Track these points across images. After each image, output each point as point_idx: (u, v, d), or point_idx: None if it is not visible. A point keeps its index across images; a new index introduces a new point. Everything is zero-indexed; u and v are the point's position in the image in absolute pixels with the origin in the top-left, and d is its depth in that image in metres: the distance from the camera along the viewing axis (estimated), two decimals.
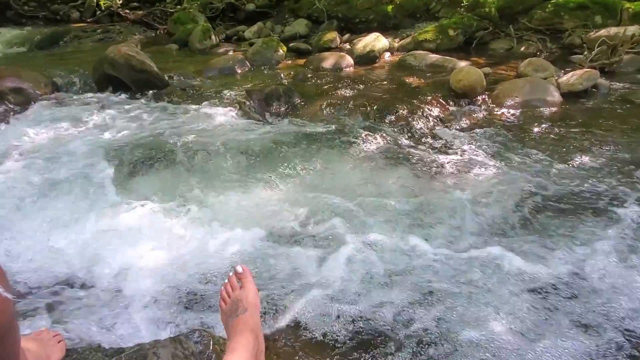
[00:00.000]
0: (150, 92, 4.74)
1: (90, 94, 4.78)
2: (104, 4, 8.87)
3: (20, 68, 5.22)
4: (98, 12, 8.80)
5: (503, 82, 4.72)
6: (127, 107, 4.33)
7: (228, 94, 4.64)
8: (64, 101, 4.54)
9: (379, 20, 7.43)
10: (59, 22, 8.65)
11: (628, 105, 4.33)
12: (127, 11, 8.87)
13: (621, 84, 4.84)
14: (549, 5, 6.65)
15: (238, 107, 4.26)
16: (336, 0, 7.76)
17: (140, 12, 8.80)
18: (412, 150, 3.53)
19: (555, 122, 3.99)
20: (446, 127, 4.01)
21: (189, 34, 7.18)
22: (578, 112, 4.23)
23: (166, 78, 5.03)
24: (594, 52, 5.31)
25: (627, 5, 6.45)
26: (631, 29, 5.47)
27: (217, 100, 4.51)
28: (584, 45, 5.90)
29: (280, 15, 8.45)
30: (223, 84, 5.05)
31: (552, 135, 3.74)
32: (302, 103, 4.40)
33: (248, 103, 4.26)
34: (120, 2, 8.94)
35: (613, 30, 5.70)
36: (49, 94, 4.66)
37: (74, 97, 4.69)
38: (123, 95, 4.69)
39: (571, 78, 4.63)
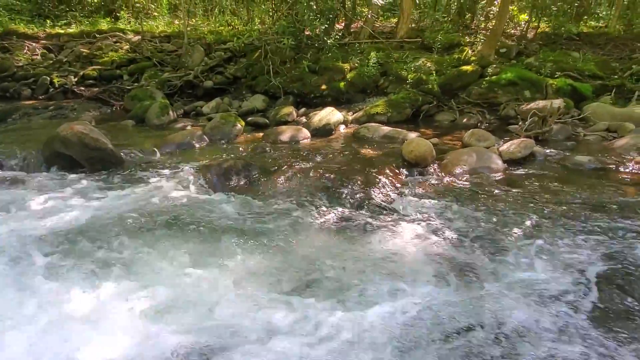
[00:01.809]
0: (104, 170, 4.62)
1: (37, 174, 4.57)
2: (57, 81, 8.83)
3: None
4: (51, 90, 8.72)
5: (451, 152, 5.03)
6: (77, 186, 4.17)
7: (185, 170, 4.60)
8: (8, 182, 4.28)
9: (333, 96, 7.87)
10: (9, 100, 8.45)
11: (563, 170, 4.72)
12: (82, 88, 8.86)
13: (554, 151, 5.31)
14: (484, 82, 7.37)
15: (195, 183, 4.22)
16: (291, 77, 8.20)
17: (96, 89, 8.81)
18: (369, 220, 3.59)
19: (501, 188, 4.24)
20: (401, 195, 4.15)
21: (146, 110, 7.22)
22: (520, 177, 4.54)
23: (121, 155, 4.95)
24: (527, 123, 5.84)
25: (551, 81, 7.27)
26: (556, 102, 6.12)
27: (173, 176, 4.46)
28: (518, 116, 6.50)
29: (237, 91, 8.75)
30: (180, 159, 5.04)
31: (497, 200, 3.96)
32: (261, 176, 4.44)
33: (206, 178, 4.24)
34: (76, 79, 8.95)
35: (541, 103, 6.35)
36: None
37: (21, 176, 4.45)
38: (74, 174, 4.52)
39: (510, 147, 5.03)
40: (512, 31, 9.93)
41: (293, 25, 8.63)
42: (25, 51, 9.69)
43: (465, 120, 7.04)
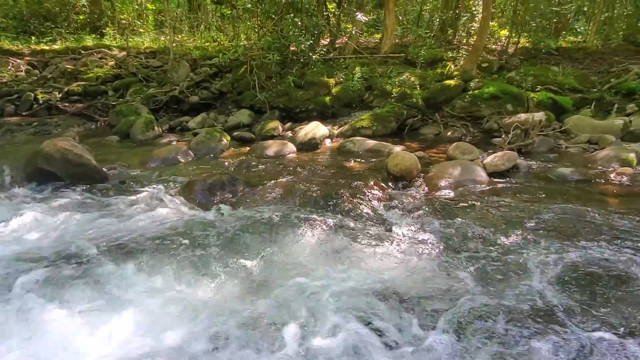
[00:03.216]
0: (88, 186, 4.55)
1: (19, 191, 4.47)
2: (41, 97, 8.73)
3: None
4: (35, 106, 8.61)
5: (436, 165, 5.08)
6: (60, 203, 4.08)
7: (170, 185, 4.56)
8: None
9: (318, 110, 7.92)
10: None
11: (546, 182, 4.79)
12: (67, 104, 8.77)
13: (537, 163, 5.40)
14: (467, 96, 7.50)
15: (180, 198, 4.18)
16: (277, 92, 8.25)
17: (81, 105, 8.73)
18: (355, 234, 3.58)
19: (485, 200, 4.28)
20: (387, 209, 4.15)
21: (131, 125, 7.17)
22: (504, 189, 4.59)
23: (105, 171, 4.89)
24: (510, 136, 5.95)
25: (532, 95, 7.43)
26: (538, 115, 6.25)
27: (158, 192, 4.40)
28: (501, 129, 6.62)
29: (223, 106, 8.77)
30: (166, 174, 4.98)
31: (484, 212, 3.99)
32: (247, 191, 4.41)
33: (191, 194, 4.20)
34: (60, 95, 8.87)
35: (523, 116, 6.47)
36: None
37: (2, 193, 4.37)
38: (57, 191, 4.44)
39: (494, 159, 5.10)
40: (494, 46, 10.17)
41: (278, 41, 8.72)
42: (9, 67, 9.59)
43: (449, 133, 7.14)
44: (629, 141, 5.98)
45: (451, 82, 7.75)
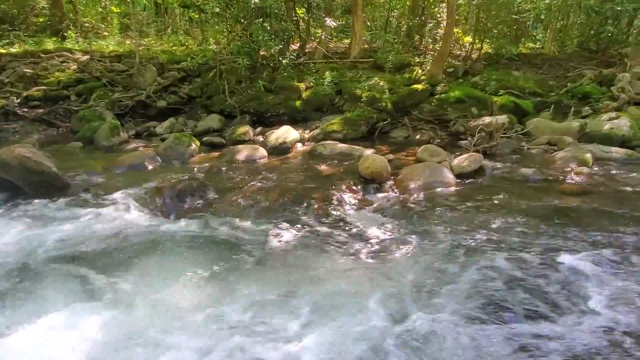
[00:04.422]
0: (48, 195, 4.34)
1: None
2: None
3: None
4: None
5: (405, 167, 5.16)
6: (17, 213, 3.90)
7: (136, 193, 4.42)
8: None
9: (289, 114, 7.92)
10: None
11: (509, 182, 4.97)
12: (26, 109, 8.39)
13: (501, 164, 5.58)
14: (434, 100, 7.68)
15: (147, 206, 4.07)
16: (247, 96, 8.19)
17: (41, 110, 8.37)
18: (326, 237, 3.60)
19: (453, 201, 4.40)
20: (358, 211, 4.20)
21: (94, 131, 6.93)
22: (470, 190, 4.73)
23: (67, 179, 4.70)
24: (475, 138, 6.12)
25: (495, 98, 7.69)
26: (501, 118, 6.47)
27: (123, 199, 4.26)
28: (467, 132, 6.81)
29: (192, 110, 8.61)
30: (132, 181, 4.83)
31: (451, 213, 4.09)
32: (217, 197, 4.35)
33: (158, 201, 4.11)
34: (18, 100, 8.48)
35: (487, 119, 6.68)
36: None
37: None
38: (15, 200, 4.21)
39: (461, 161, 5.24)
40: (458, 52, 10.48)
41: (248, 45, 8.67)
42: None
43: (418, 136, 7.29)
44: (585, 142, 6.29)
45: (419, 86, 7.92)
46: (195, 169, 5.49)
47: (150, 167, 5.55)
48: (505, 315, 2.53)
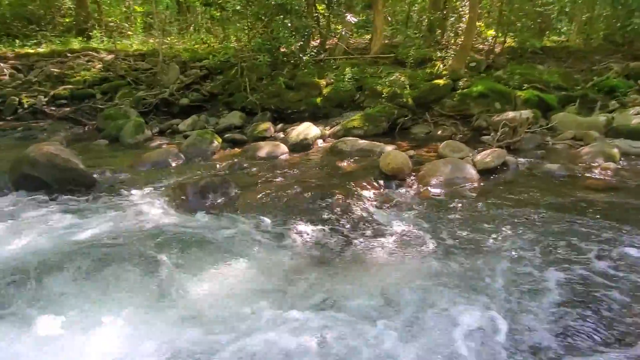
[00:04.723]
0: (76, 191, 4.46)
1: (4, 197, 4.37)
2: (26, 101, 8.61)
3: None
4: (20, 110, 8.48)
5: (427, 163, 5.12)
6: (46, 209, 3.99)
7: (160, 189, 4.51)
8: None
9: (310, 111, 7.94)
10: None
11: (534, 178, 4.86)
12: (53, 108, 8.66)
13: (525, 160, 5.47)
14: (456, 95, 7.57)
15: (171, 202, 4.15)
16: (268, 93, 8.24)
17: (68, 108, 8.63)
18: (348, 234, 3.59)
19: (476, 197, 4.33)
20: (379, 208, 4.18)
21: (120, 129, 7.10)
22: (494, 186, 4.65)
23: (93, 175, 4.82)
24: (498, 133, 6.02)
25: (519, 93, 7.53)
26: (525, 113, 6.33)
27: (148, 195, 4.36)
28: (490, 127, 6.69)
29: (214, 108, 8.73)
30: (156, 178, 4.93)
31: (474, 209, 4.03)
32: (239, 194, 4.39)
33: (182, 197, 4.18)
34: (46, 99, 8.75)
35: (511, 114, 6.55)
36: None
37: None
38: (43, 197, 4.32)
39: (484, 157, 5.15)
40: (481, 46, 10.29)
41: (269, 42, 8.71)
42: None
43: (439, 132, 7.20)
44: (612, 137, 6.09)
45: (440, 81, 7.82)
46: (218, 166, 5.56)
47: (173, 164, 5.65)
48: (537, 308, 2.49)
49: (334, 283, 2.85)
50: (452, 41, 10.36)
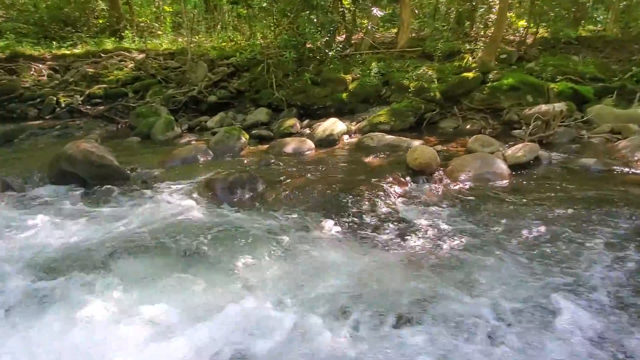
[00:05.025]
0: (110, 186, 4.64)
1: (44, 193, 4.56)
2: (64, 101, 8.96)
3: None
4: (57, 109, 8.84)
5: (455, 158, 5.02)
6: (83, 204, 4.19)
7: (190, 184, 4.62)
8: (14, 202, 4.28)
9: (336, 106, 7.92)
10: (16, 120, 8.56)
11: (567, 173, 4.70)
12: (88, 107, 8.98)
13: (559, 154, 5.30)
14: (486, 88, 7.39)
15: (201, 197, 4.24)
16: (294, 89, 8.28)
17: (102, 107, 8.93)
18: (376, 229, 3.58)
19: (507, 193, 4.23)
20: (406, 203, 4.14)
21: (151, 126, 7.30)
22: (526, 181, 4.53)
23: (127, 171, 4.99)
24: (530, 127, 5.84)
25: (552, 85, 7.28)
26: (559, 106, 6.12)
27: (179, 190, 4.47)
28: (521, 121, 6.51)
29: (241, 105, 8.84)
30: (186, 173, 5.05)
31: (505, 206, 3.94)
32: (266, 189, 4.44)
33: (211, 192, 4.27)
34: (82, 98, 9.08)
35: (544, 107, 6.35)
36: None
37: (27, 196, 4.46)
38: (80, 192, 4.53)
39: (515, 151, 5.02)
40: (512, 37, 9.99)
41: (295, 38, 8.74)
42: (31, 72, 9.86)
43: (468, 126, 7.05)
44: None
45: (469, 74, 7.65)
46: (245, 162, 5.64)
47: (202, 160, 5.76)
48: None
49: (361, 279, 2.85)
50: (482, 33, 10.10)
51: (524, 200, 4.02)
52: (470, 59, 8.31)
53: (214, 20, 12.98)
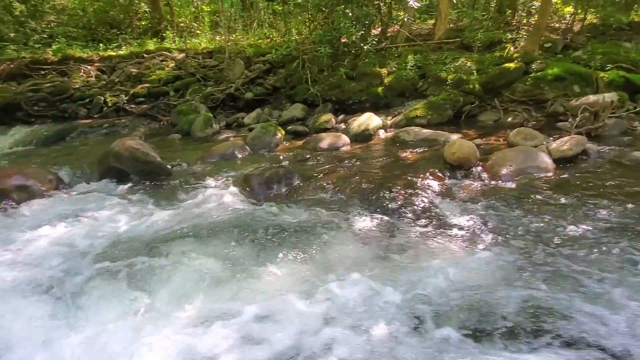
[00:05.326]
0: (154, 182, 4.86)
1: (94, 187, 4.86)
2: (110, 100, 9.39)
3: (26, 165, 5.42)
4: (105, 108, 9.28)
5: (496, 152, 4.86)
6: (130, 198, 4.41)
7: (229, 179, 4.75)
8: (67, 196, 4.58)
9: (371, 101, 7.85)
10: (67, 120, 9.06)
11: (618, 168, 4.43)
12: (133, 106, 9.37)
13: (609, 147, 5.00)
14: (529, 79, 7.08)
15: (238, 191, 4.35)
16: (329, 85, 8.28)
17: (145, 106, 9.29)
18: (411, 226, 3.54)
19: (552, 189, 4.05)
20: (444, 199, 4.05)
21: (191, 123, 7.54)
22: (572, 177, 4.31)
23: (169, 167, 5.19)
24: (577, 119, 5.56)
25: (601, 74, 6.88)
26: (609, 96, 5.78)
27: (218, 185, 4.62)
28: (567, 112, 6.20)
29: (277, 101, 8.94)
30: (224, 169, 5.19)
31: (550, 203, 3.77)
32: (302, 184, 4.49)
33: (249, 187, 4.36)
34: (127, 98, 9.48)
35: (592, 97, 6.01)
36: (53, 189, 4.70)
37: (78, 191, 4.76)
38: (127, 187, 4.79)
39: (561, 144, 4.79)
40: (557, 25, 9.51)
41: (330, 33, 8.72)
42: (81, 74, 10.38)
43: (510, 119, 6.80)
44: None
45: (511, 65, 7.36)
46: (281, 157, 5.71)
47: (239, 156, 5.89)
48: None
49: (396, 276, 2.83)
50: (524, 21, 9.68)
51: (571, 196, 3.84)
52: (512, 48, 7.99)
53: (250, 18, 13.15)
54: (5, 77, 10.24)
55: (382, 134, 6.72)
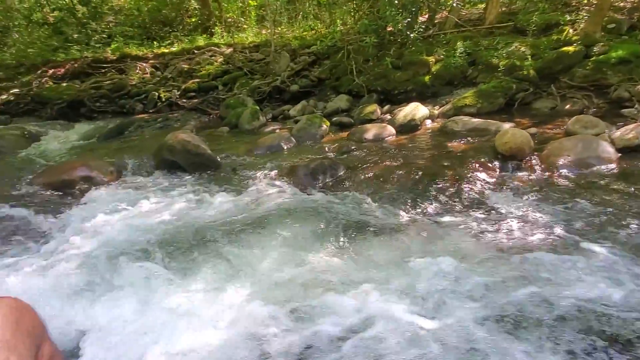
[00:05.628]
0: (204, 173, 5.06)
1: (151, 178, 5.15)
2: (164, 96, 9.84)
3: (90, 158, 5.82)
4: (159, 103, 9.74)
5: (552, 142, 4.61)
6: (183, 188, 4.62)
7: (276, 171, 4.84)
8: (127, 186, 4.88)
9: (418, 90, 7.67)
10: (125, 115, 9.62)
11: None
12: (184, 100, 9.77)
13: None
14: (589, 63, 6.62)
15: (286, 182, 4.43)
16: (374, 75, 8.18)
17: (196, 100, 9.65)
18: (460, 219, 3.45)
19: (615, 180, 3.79)
20: (495, 191, 3.91)
21: (238, 116, 7.74)
22: (638, 168, 4.01)
23: (218, 159, 5.37)
24: None
25: None
26: None
27: (265, 176, 4.73)
28: (633, 98, 5.75)
29: (322, 92, 8.96)
30: (271, 161, 5.29)
31: (614, 195, 3.54)
32: (348, 175, 4.50)
33: (295, 178, 4.43)
34: (179, 93, 9.89)
35: None
36: (114, 180, 5.06)
37: (136, 181, 5.06)
38: (180, 178, 5.03)
39: (626, 132, 4.46)
40: (622, 4, 8.78)
41: (375, 22, 8.58)
42: (137, 71, 10.93)
43: (568, 106, 6.40)
44: None
45: (570, 48, 6.90)
46: (326, 148, 5.73)
47: (285, 148, 5.99)
48: None
49: (442, 270, 2.78)
50: (585, 1, 9.02)
51: (637, 188, 3.58)
52: (570, 31, 7.49)
53: (295, 11, 13.21)
54: (70, 75, 11.01)
55: (429, 124, 6.57)
